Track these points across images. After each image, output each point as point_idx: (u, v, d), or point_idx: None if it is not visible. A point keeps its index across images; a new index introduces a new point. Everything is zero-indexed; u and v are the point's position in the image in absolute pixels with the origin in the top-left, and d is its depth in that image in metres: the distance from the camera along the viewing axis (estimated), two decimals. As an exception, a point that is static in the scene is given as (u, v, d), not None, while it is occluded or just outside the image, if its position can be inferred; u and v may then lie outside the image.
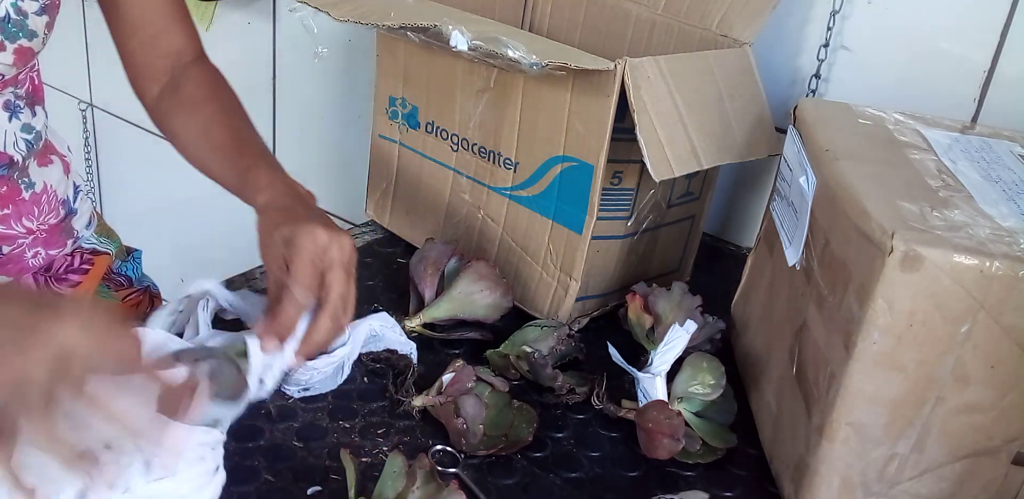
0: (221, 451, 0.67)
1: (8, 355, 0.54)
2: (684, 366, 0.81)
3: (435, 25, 0.84)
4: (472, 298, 0.90)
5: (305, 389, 0.80)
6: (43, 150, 0.96)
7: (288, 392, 0.80)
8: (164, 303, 0.83)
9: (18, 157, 0.91)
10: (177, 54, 0.95)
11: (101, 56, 1.89)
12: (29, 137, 0.92)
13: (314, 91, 1.55)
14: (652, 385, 0.80)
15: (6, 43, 0.82)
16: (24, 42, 0.83)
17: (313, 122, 1.57)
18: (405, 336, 0.86)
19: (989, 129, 0.84)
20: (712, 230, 1.16)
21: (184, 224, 1.84)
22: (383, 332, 0.85)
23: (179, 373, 0.64)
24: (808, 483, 0.71)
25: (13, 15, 0.81)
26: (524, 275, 0.96)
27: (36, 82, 0.94)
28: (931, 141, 0.78)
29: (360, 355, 0.82)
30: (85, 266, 1.01)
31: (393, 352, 0.85)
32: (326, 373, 0.79)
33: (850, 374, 0.66)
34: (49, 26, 0.86)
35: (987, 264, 0.60)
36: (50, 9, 0.84)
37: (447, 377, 0.79)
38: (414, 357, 0.85)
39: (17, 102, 0.90)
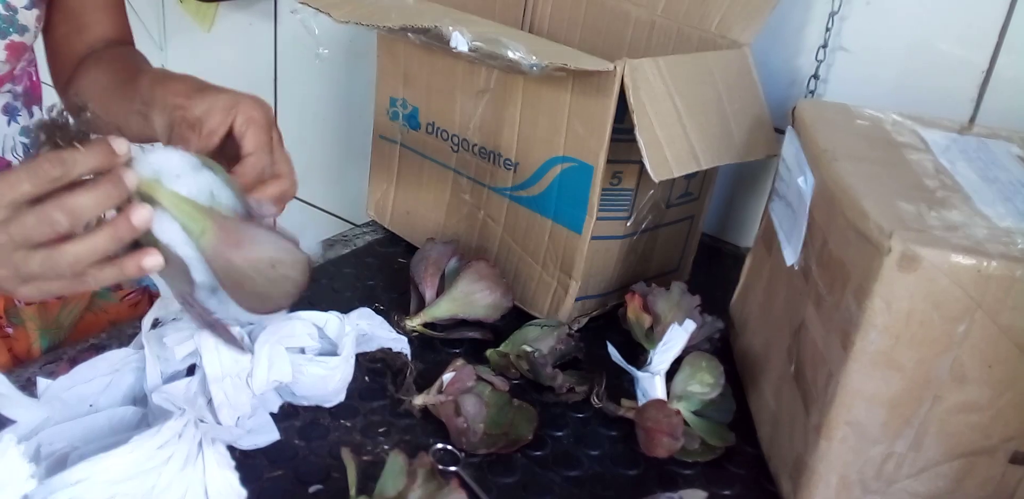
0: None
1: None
2: (683, 365, 0.82)
3: (435, 26, 0.85)
4: (472, 298, 0.91)
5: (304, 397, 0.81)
6: None
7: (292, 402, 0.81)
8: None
9: (16, 162, 0.91)
10: (103, 42, 0.95)
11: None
12: (28, 141, 0.92)
13: (315, 92, 1.55)
14: (651, 384, 0.80)
15: None
16: (15, 37, 0.83)
17: (314, 123, 1.57)
18: (394, 332, 0.87)
19: (987, 130, 0.84)
20: (711, 230, 1.17)
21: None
22: (372, 330, 0.85)
23: None
24: (806, 481, 0.71)
25: (2, 11, 0.81)
26: (524, 275, 0.96)
27: (34, 78, 0.94)
28: (929, 141, 0.79)
29: (356, 356, 0.82)
30: (82, 266, 1.01)
31: (387, 351, 0.85)
32: (320, 381, 0.79)
33: (848, 373, 0.66)
34: (40, 19, 0.85)
35: (984, 264, 0.60)
36: (39, 2, 0.84)
37: (448, 376, 0.80)
38: (407, 352, 0.86)
39: (15, 103, 0.90)
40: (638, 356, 0.84)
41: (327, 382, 0.78)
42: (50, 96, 1.01)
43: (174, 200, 0.63)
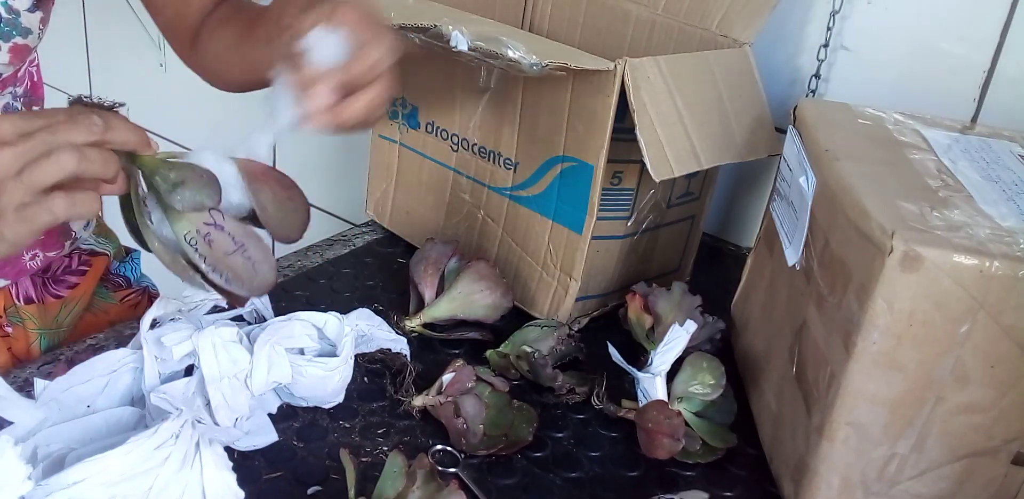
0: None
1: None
2: (684, 366, 0.81)
3: (435, 25, 0.84)
4: (472, 298, 0.90)
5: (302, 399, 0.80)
6: None
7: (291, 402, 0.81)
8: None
9: None
10: (211, 5, 0.95)
11: (101, 55, 1.89)
12: None
13: (314, 91, 1.54)
14: (652, 385, 0.80)
15: (0, 43, 0.81)
16: (19, 40, 0.83)
17: (313, 122, 1.56)
18: (393, 332, 0.87)
19: (989, 129, 0.84)
20: (712, 230, 1.16)
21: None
22: (371, 332, 0.85)
23: None
24: (808, 483, 0.71)
25: (5, 14, 0.81)
26: (524, 275, 0.96)
27: (35, 78, 0.94)
28: (931, 141, 0.78)
29: (355, 357, 0.82)
30: (83, 267, 1.01)
31: (387, 352, 0.85)
32: (319, 382, 0.78)
33: (850, 374, 0.66)
34: (44, 21, 0.85)
35: (987, 264, 0.60)
36: (43, 4, 0.84)
37: (447, 377, 0.79)
38: (407, 353, 0.85)
39: (15, 104, 0.90)
40: (639, 357, 0.84)
41: (326, 383, 0.78)
42: (52, 96, 1.01)
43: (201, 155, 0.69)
